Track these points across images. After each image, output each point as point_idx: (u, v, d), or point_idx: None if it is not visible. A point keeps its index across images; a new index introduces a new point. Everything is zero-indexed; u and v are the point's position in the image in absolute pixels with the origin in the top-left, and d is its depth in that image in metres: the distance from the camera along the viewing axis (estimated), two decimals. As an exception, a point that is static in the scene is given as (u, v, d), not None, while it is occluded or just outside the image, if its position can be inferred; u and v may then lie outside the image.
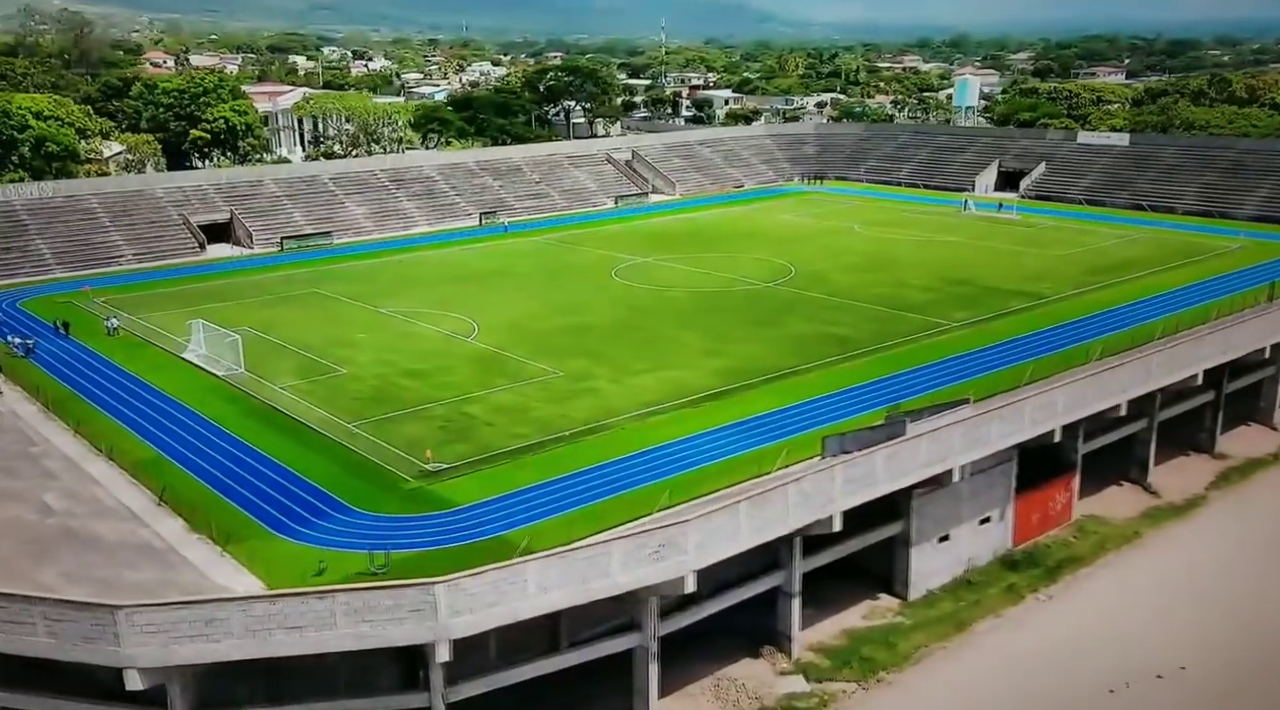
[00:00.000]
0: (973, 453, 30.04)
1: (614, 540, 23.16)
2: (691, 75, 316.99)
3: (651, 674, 24.92)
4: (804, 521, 26.11)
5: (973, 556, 32.65)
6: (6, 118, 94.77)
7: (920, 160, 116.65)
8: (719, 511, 24.45)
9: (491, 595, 21.34)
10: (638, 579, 23.07)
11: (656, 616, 24.64)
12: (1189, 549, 34.81)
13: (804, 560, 28.02)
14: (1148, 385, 35.70)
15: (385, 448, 41.11)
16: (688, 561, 23.58)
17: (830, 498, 26.55)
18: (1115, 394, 34.42)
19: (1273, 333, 40.44)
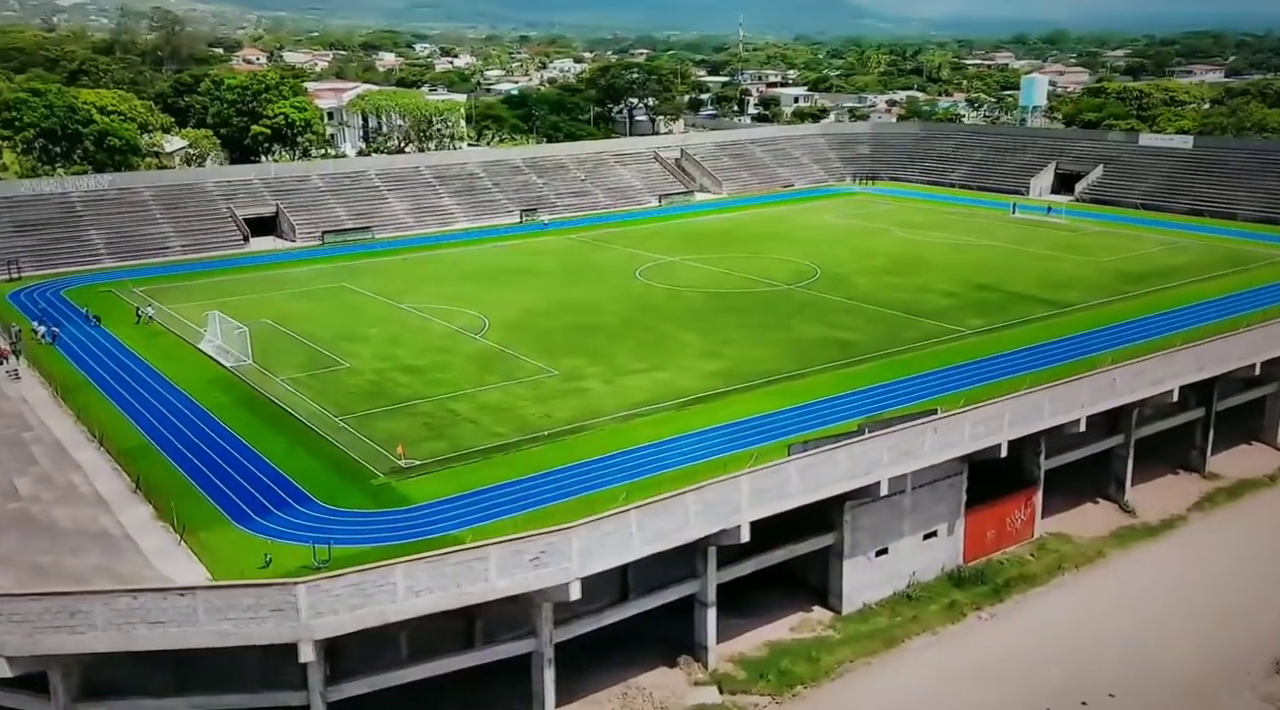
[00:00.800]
0: (902, 466, 29.21)
1: (490, 545, 23.16)
2: (769, 72, 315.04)
3: (547, 680, 24.84)
4: (706, 531, 25.74)
5: (917, 571, 31.78)
6: (72, 112, 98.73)
7: (975, 161, 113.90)
8: (606, 519, 24.23)
9: (356, 597, 21.54)
10: (517, 585, 23.02)
11: (550, 623, 24.55)
12: (1153, 571, 33.35)
13: (723, 570, 27.65)
14: (1110, 401, 34.25)
15: (364, 443, 41.75)
16: (572, 569, 23.44)
17: (737, 508, 26.10)
18: (1072, 409, 33.11)
19: (1259, 350, 38.44)
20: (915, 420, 30.65)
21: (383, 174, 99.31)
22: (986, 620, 30.27)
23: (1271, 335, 39.29)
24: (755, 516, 26.27)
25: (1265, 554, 34.68)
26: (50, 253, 78.51)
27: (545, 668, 24.65)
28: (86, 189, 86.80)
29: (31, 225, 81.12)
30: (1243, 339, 38.57)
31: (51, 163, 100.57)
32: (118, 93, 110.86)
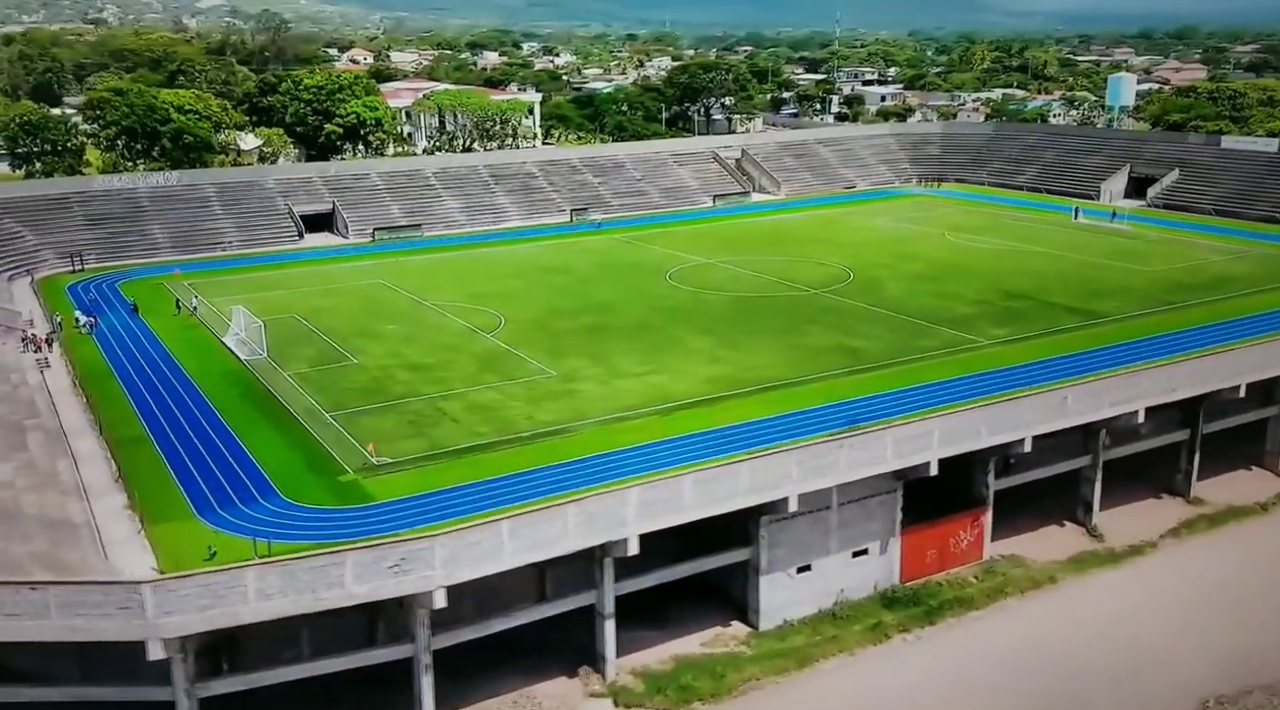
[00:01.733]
0: (814, 482, 28.31)
1: (347, 551, 23.32)
2: (865, 70, 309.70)
3: (425, 686, 24.88)
4: (588, 543, 25.41)
5: (845, 590, 30.80)
6: (151, 111, 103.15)
7: (1046, 163, 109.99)
8: (474, 529, 24.14)
9: (206, 598, 21.94)
10: (375, 591, 23.14)
11: (428, 628, 24.61)
12: (1103, 599, 31.62)
13: (626, 581, 27.28)
14: (1059, 422, 32.57)
15: (347, 439, 42.53)
16: (435, 577, 23.42)
17: (624, 521, 25.69)
18: (1015, 429, 31.60)
19: (1242, 371, 35.98)
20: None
21: (440, 173, 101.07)
22: (910, 643, 29.18)
23: (1258, 357, 36.88)
24: (645, 529, 25.88)
25: (1228, 587, 32.62)
26: (114, 246, 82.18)
27: (423, 674, 24.74)
28: (155, 185, 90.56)
29: (100, 219, 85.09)
30: (1224, 360, 36.26)
31: (133, 159, 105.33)
32: (194, 92, 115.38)
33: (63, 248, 79.43)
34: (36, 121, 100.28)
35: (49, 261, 78.00)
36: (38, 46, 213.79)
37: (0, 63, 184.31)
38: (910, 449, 29.89)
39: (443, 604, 23.65)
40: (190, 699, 22.89)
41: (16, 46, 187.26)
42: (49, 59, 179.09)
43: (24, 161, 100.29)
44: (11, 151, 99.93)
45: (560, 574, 27.90)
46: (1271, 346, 37.66)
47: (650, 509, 25.89)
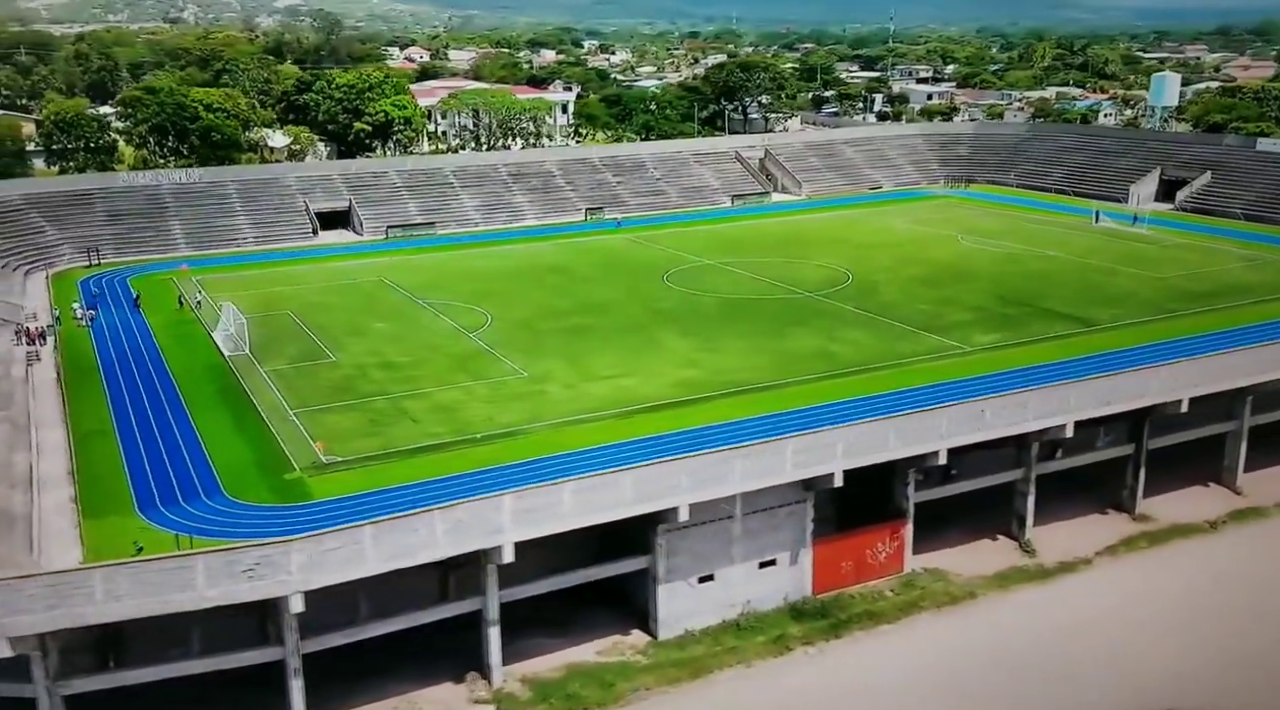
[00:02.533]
0: (705, 492, 27.69)
1: (199, 554, 23.36)
2: (921, 68, 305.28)
3: (294, 689, 24.84)
4: (459, 551, 25.13)
5: (752, 600, 30.16)
6: (181, 109, 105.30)
7: (1077, 165, 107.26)
8: (333, 534, 24.05)
9: (52, 598, 22.11)
10: (228, 595, 23.14)
11: (296, 632, 24.56)
12: (1019, 617, 30.54)
13: (514, 588, 27.00)
14: (977, 434, 31.44)
15: (304, 437, 42.86)
16: (291, 582, 23.37)
17: (499, 528, 25.38)
18: (929, 440, 30.59)
19: (1182, 386, 34.38)
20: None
21: (459, 171, 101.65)
22: (811, 655, 28.48)
23: (1203, 370, 35.32)
24: (521, 537, 25.57)
25: (1158, 608, 31.28)
26: (132, 241, 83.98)
27: (293, 677, 24.73)
28: (177, 182, 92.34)
29: (121, 215, 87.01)
30: (1162, 374, 34.75)
31: (164, 156, 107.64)
32: (224, 91, 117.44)
33: (81, 243, 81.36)
34: (70, 119, 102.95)
35: (67, 256, 79.97)
36: (101, 45, 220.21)
37: (57, 62, 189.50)
38: (811, 460, 29.17)
39: (300, 609, 23.63)
40: (52, 696, 23.19)
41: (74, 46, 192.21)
42: (103, 58, 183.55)
43: (58, 158, 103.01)
44: (47, 148, 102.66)
45: (464, 576, 27.75)
46: (1212, 362, 36.15)
47: (528, 517, 25.60)
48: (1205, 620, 30.69)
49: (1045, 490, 34.96)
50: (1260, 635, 30.15)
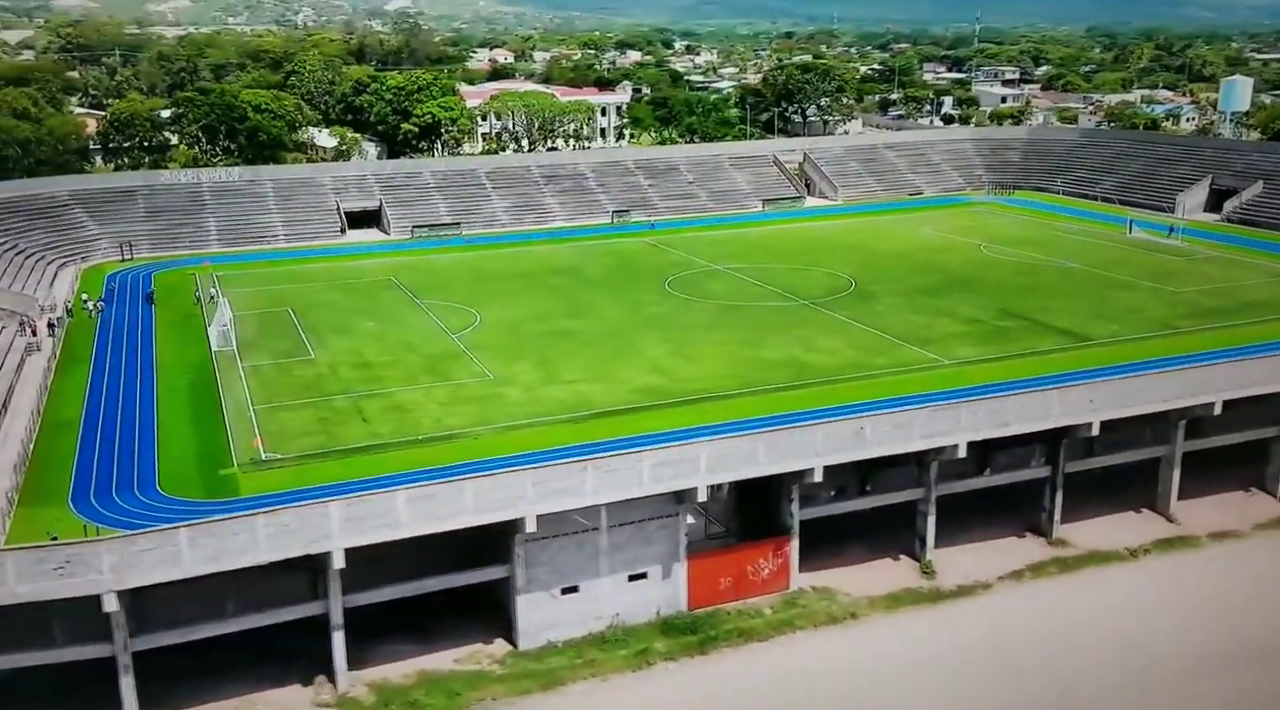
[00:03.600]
0: (553, 504, 27.26)
1: (10, 551, 23.93)
2: (1007, 69, 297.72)
3: (125, 687, 25.28)
4: (283, 555, 25.23)
5: (621, 613, 29.68)
6: (230, 110, 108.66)
7: (1129, 173, 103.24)
8: (146, 535, 24.36)
9: None
10: (39, 592, 23.64)
11: (125, 629, 25.01)
12: (894, 642, 29.41)
13: (361, 593, 27.10)
14: (857, 453, 30.29)
15: (254, 433, 43.80)
16: (103, 581, 23.79)
17: (327, 534, 25.42)
18: (804, 457, 29.59)
19: (1095, 407, 32.54)
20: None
21: (493, 173, 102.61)
22: (672, 671, 27.94)
23: (1116, 392, 33.51)
24: (351, 544, 25.61)
25: (1048, 637, 29.83)
26: (168, 237, 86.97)
27: (123, 674, 25.22)
28: (217, 180, 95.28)
29: (161, 211, 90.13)
30: (1072, 394, 32.98)
31: (217, 155, 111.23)
32: (273, 93, 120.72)
33: (119, 238, 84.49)
34: (125, 118, 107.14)
35: (102, 250, 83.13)
36: (195, 48, 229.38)
37: (141, 63, 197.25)
38: (671, 474, 28.60)
39: (113, 607, 24.13)
40: None
41: (157, 48, 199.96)
42: (183, 60, 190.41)
43: (114, 155, 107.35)
44: (104, 146, 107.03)
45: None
46: (1133, 383, 34.27)
47: (359, 525, 25.67)
48: (1089, 650, 29.24)
49: (961, 510, 33.78)
50: (1136, 669, 28.67)
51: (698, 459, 28.79)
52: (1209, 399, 34.07)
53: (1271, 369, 35.82)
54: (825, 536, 33.15)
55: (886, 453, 30.89)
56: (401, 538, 26.12)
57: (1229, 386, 34.55)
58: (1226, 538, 35.09)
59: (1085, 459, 35.07)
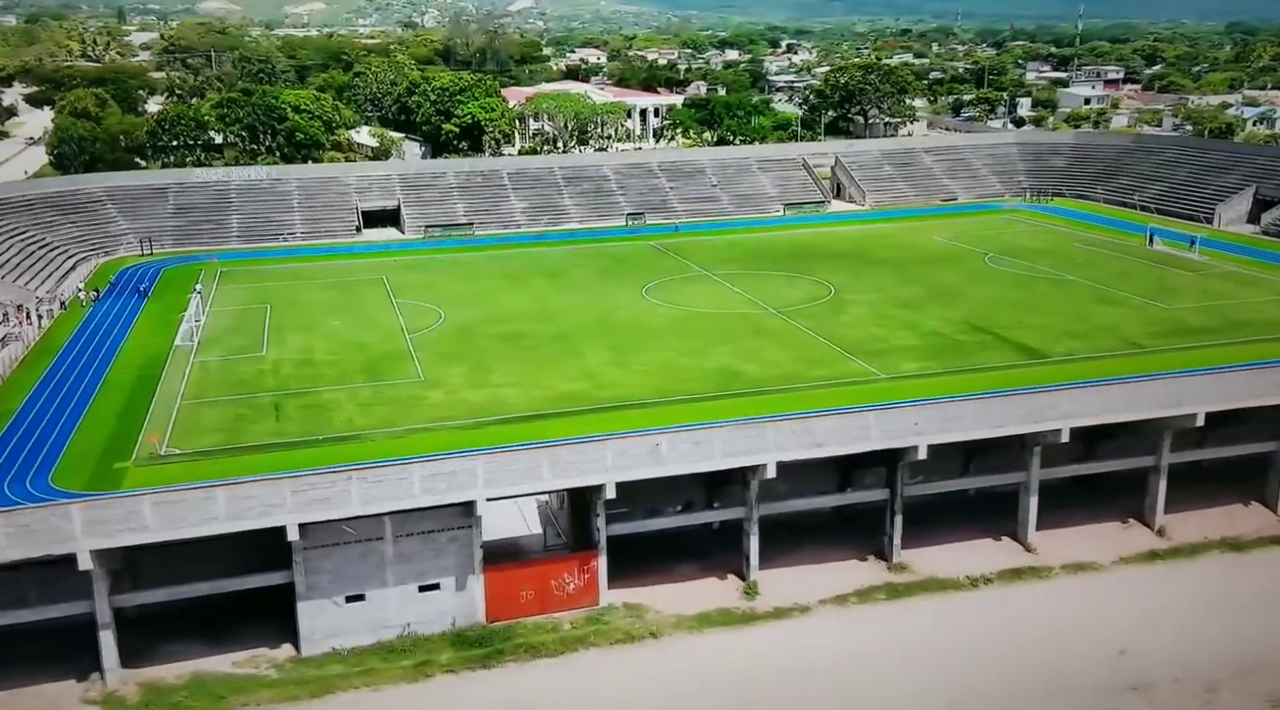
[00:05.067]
0: (313, 513, 27.04)
1: None
2: (1110, 69, 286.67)
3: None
4: (23, 556, 25.56)
5: (414, 623, 29.39)
6: (271, 111, 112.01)
7: (1173, 181, 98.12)
8: None
9: None
10: None
11: None
12: (694, 662, 28.48)
13: (131, 593, 27.48)
14: (648, 471, 29.14)
15: (170, 428, 44.99)
16: None
17: (70, 536, 25.73)
18: (593, 474, 28.67)
19: (917, 430, 30.58)
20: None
21: (516, 174, 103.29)
22: (449, 685, 27.54)
23: (943, 415, 31.59)
24: (95, 546, 25.89)
25: (853, 663, 28.55)
26: (190, 233, 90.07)
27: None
28: (245, 179, 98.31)
29: (188, 208, 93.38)
30: (894, 416, 31.12)
31: (260, 153, 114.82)
32: (313, 93, 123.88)
33: (144, 233, 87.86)
34: (171, 118, 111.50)
35: (125, 245, 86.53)
36: (289, 48, 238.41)
37: (223, 63, 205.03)
38: (445, 486, 28.19)
39: None
40: None
41: (238, 51, 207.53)
42: (262, 61, 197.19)
43: (160, 153, 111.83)
44: (152, 144, 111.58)
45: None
46: (964, 406, 32.26)
47: (103, 528, 25.98)
48: (900, 681, 27.84)
49: (809, 532, 32.55)
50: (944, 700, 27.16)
51: (475, 472, 28.41)
52: (1054, 425, 32.06)
53: (1119, 397, 33.68)
54: (658, 553, 32.37)
55: (685, 470, 29.95)
56: (143, 542, 26.41)
57: (1077, 413, 32.47)
58: (1083, 570, 32.95)
59: (926, 483, 33.40)
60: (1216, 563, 33.44)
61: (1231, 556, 33.68)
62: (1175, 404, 32.81)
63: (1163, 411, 32.95)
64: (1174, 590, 32.57)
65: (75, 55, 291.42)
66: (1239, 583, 32.83)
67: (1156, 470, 34.61)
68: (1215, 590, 32.31)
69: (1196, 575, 33.02)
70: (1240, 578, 33.07)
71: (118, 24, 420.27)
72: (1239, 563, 33.41)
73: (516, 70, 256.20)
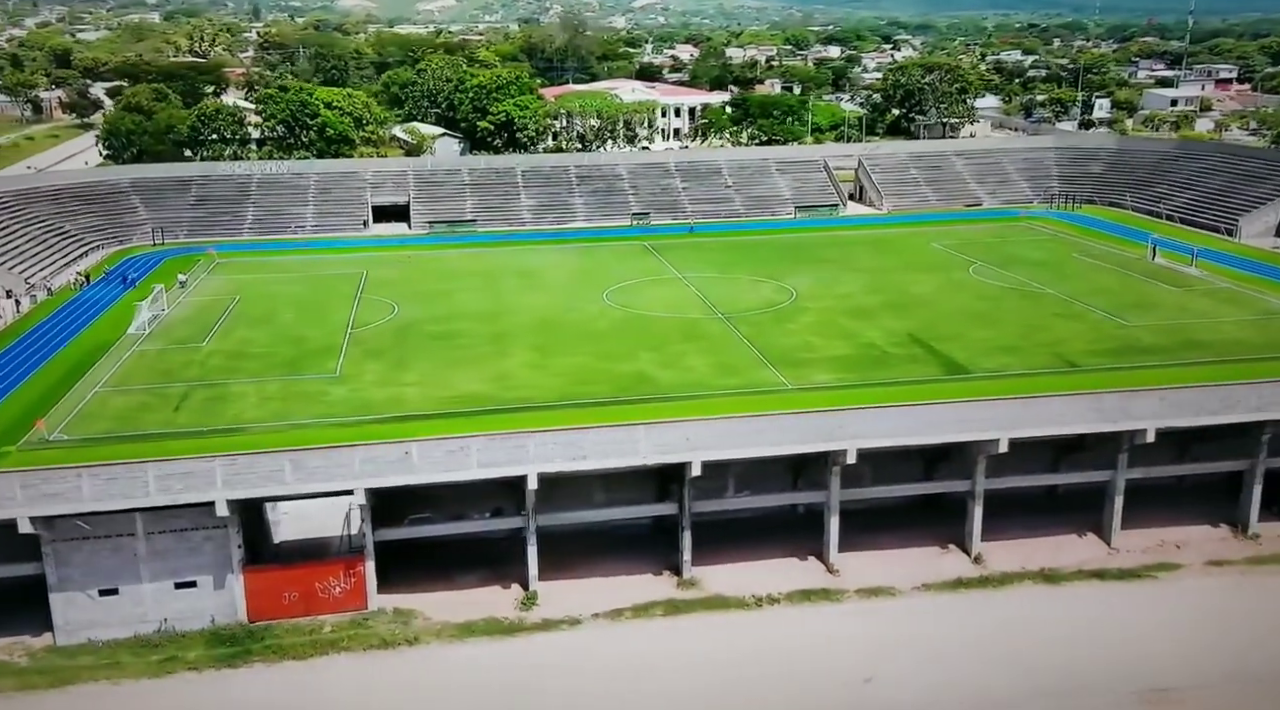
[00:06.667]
0: (45, 508, 27.50)
1: None
2: (1223, 67, 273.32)
3: None
4: None
5: (172, 619, 29.79)
6: (304, 107, 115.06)
7: (1206, 190, 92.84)
8: None
9: None
10: None
11: None
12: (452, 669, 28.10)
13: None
14: (406, 477, 28.66)
15: (79, 412, 46.70)
16: None
17: None
18: (339, 480, 28.41)
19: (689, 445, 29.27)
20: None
21: (529, 171, 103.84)
22: (190, 681, 27.86)
23: (719, 430, 30.35)
24: None
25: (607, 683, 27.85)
26: (206, 224, 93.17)
27: None
28: (267, 172, 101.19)
29: (208, 200, 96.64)
30: (665, 430, 29.98)
31: (295, 147, 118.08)
32: (345, 90, 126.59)
33: (161, 224, 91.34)
34: (210, 113, 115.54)
35: (140, 235, 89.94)
36: (380, 46, 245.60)
37: (300, 60, 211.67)
38: (181, 487, 28.45)
39: None
40: None
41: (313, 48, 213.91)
42: (335, 57, 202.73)
43: (200, 147, 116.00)
44: (193, 139, 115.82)
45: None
46: (754, 423, 30.93)
47: None
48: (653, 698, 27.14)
49: (599, 545, 31.88)
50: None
51: (213, 473, 28.70)
52: (840, 446, 30.63)
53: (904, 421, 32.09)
54: (449, 560, 32.20)
55: (440, 479, 29.65)
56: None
57: (866, 434, 30.97)
58: (878, 595, 31.43)
59: (722, 499, 32.36)
60: (1021, 594, 31.61)
61: (1041, 588, 31.78)
62: (970, 430, 31.07)
63: (968, 435, 31.24)
64: (953, 620, 30.94)
65: (182, 51, 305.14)
66: (1033, 615, 30.95)
67: (973, 496, 32.85)
68: (1002, 621, 30.58)
69: (989, 605, 31.31)
70: (1035, 611, 31.19)
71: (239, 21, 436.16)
72: (1044, 595, 31.50)
73: (596, 67, 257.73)
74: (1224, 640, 29.42)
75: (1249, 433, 33.65)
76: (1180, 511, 35.74)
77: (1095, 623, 30.57)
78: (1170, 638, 29.53)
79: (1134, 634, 30.22)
